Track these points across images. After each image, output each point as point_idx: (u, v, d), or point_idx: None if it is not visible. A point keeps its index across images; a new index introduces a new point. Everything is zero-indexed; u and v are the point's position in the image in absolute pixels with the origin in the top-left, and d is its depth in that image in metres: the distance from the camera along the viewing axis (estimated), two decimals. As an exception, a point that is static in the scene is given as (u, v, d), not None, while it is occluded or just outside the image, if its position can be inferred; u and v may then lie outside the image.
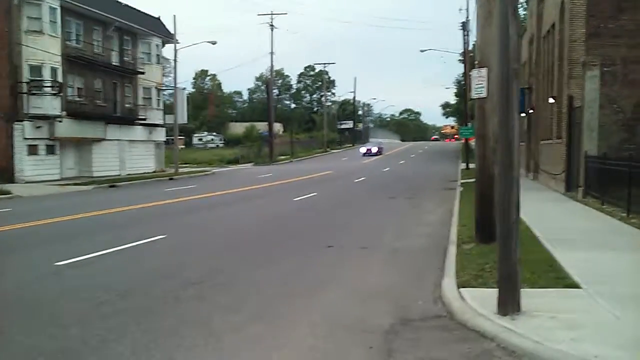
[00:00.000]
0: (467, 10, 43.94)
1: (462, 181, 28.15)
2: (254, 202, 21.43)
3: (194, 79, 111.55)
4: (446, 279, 8.01)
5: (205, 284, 8.06)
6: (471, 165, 39.53)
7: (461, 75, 63.00)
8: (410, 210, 17.89)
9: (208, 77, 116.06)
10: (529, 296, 6.57)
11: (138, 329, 6.02)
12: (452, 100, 73.05)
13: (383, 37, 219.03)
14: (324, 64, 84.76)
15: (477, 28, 11.15)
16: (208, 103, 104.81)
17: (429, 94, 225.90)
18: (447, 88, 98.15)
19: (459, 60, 60.44)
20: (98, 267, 9.20)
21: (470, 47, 46.22)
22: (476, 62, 10.97)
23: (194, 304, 7.03)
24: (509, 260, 6.36)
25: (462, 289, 7.32)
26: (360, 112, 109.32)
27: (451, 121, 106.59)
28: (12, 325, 6.15)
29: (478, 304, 6.65)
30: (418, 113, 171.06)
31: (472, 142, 41.26)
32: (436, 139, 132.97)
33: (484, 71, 10.65)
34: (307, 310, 6.78)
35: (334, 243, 11.47)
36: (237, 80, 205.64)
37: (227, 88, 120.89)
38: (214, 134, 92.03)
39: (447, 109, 77.33)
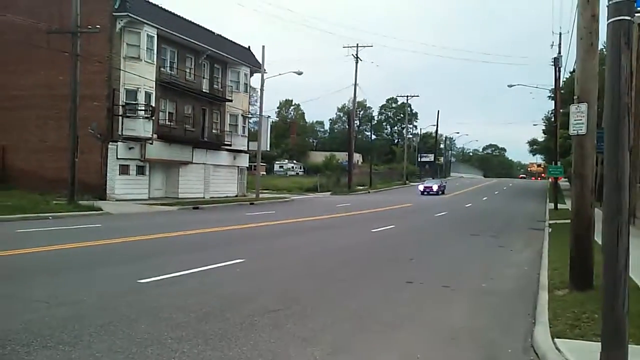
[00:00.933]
0: (560, 45, 42.42)
1: (551, 222, 26.79)
2: (331, 230, 21.24)
3: (278, 108, 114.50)
4: (538, 327, 7.41)
5: (282, 312, 7.87)
6: (560, 206, 37.73)
7: (550, 112, 60.71)
8: (496, 250, 17.07)
9: (292, 107, 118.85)
10: (634, 354, 5.90)
11: (212, 354, 5.89)
12: (540, 137, 70.16)
13: (469, 71, 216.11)
14: (408, 96, 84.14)
15: (577, 61, 10.54)
16: (290, 132, 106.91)
17: (515, 131, 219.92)
18: (534, 125, 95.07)
19: (549, 96, 58.30)
20: (179, 288, 9.25)
21: (561, 84, 44.54)
22: (575, 97, 10.33)
23: (270, 332, 6.85)
24: (615, 312, 5.73)
25: (557, 340, 6.72)
26: (442, 146, 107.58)
27: (538, 159, 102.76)
28: (92, 339, 6.19)
29: (576, 358, 6.04)
30: (503, 149, 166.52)
31: (560, 182, 39.55)
32: (523, 177, 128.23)
33: (583, 107, 10.01)
34: (385, 350, 6.42)
35: (414, 279, 11.03)
36: (320, 110, 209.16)
37: (309, 118, 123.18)
38: (295, 162, 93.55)
39: (535, 147, 74.38)
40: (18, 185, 31.37)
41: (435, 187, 56.57)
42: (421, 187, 57.73)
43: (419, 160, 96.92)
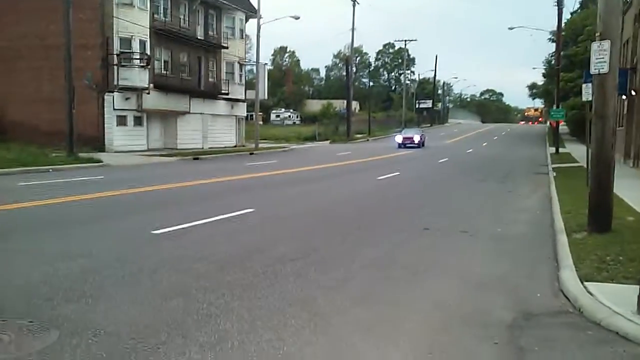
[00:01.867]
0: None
1: (554, 166, 26.68)
2: (336, 179, 21.05)
3: (272, 55, 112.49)
4: (564, 270, 7.27)
5: (302, 261, 7.71)
6: (561, 150, 37.58)
7: (551, 55, 59.72)
8: (505, 195, 16.95)
9: (287, 54, 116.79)
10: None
11: (241, 305, 5.73)
12: (540, 81, 69.27)
13: (466, 13, 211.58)
14: (406, 40, 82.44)
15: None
16: (286, 80, 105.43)
17: (513, 75, 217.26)
18: (534, 68, 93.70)
19: (549, 39, 57.18)
20: (192, 238, 9.07)
21: (563, 25, 43.55)
22: (597, 34, 9.91)
23: (294, 281, 6.69)
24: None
25: (586, 283, 6.59)
26: (439, 92, 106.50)
27: (538, 103, 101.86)
28: (114, 291, 6.02)
29: (611, 301, 5.90)
30: (500, 94, 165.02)
31: (562, 125, 39.20)
32: (522, 123, 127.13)
33: (606, 44, 9.60)
34: (414, 298, 6.28)
35: (430, 226, 10.87)
36: (315, 57, 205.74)
37: (305, 65, 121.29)
38: (291, 110, 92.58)
39: (534, 91, 73.45)
40: (13, 137, 30.80)
41: (416, 138, 45.75)
42: (399, 139, 46.22)
43: (417, 107, 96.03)
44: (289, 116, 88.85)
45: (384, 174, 21.93)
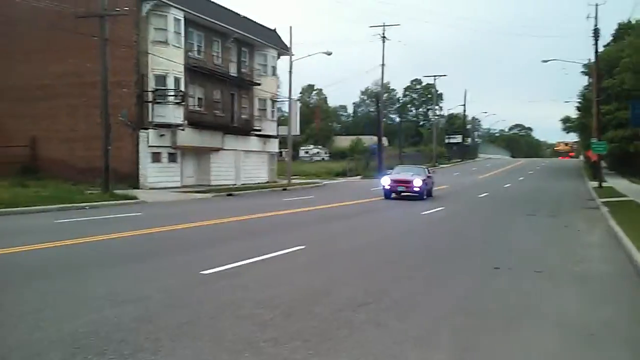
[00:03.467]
0: (596, 17, 40.08)
1: (603, 200, 25.41)
2: (379, 214, 20.22)
3: (300, 93, 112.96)
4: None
5: (374, 305, 6.84)
6: (604, 184, 36.15)
7: (585, 87, 58.50)
8: (563, 230, 15.90)
9: (314, 92, 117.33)
10: None
11: (321, 361, 4.90)
12: (573, 114, 67.83)
13: (496, 48, 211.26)
14: (435, 76, 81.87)
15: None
16: (314, 117, 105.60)
17: (542, 109, 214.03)
18: (566, 102, 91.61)
19: (582, 72, 56.00)
20: (246, 279, 8.27)
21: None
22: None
23: (374, 331, 5.82)
24: None
25: None
26: (468, 126, 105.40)
27: (572, 137, 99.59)
28: (174, 344, 5.22)
29: None
30: (529, 128, 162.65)
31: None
32: (563, 157, 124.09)
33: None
34: (521, 351, 5.36)
35: (499, 264, 9.92)
36: (342, 94, 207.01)
37: (332, 102, 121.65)
38: (320, 147, 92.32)
39: (567, 124, 71.82)
40: (49, 175, 30.75)
41: (416, 182, 26.29)
42: (386, 181, 27.13)
43: (446, 142, 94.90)
44: (318, 152, 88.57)
45: (427, 210, 20.99)
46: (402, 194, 26.56)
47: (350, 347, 5.27)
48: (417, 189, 26.03)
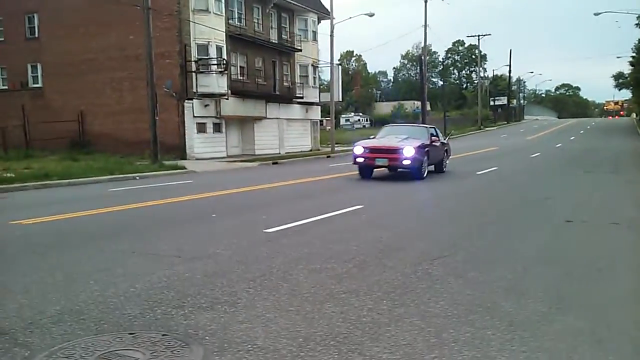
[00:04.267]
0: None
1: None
2: (432, 173, 19.71)
3: (339, 60, 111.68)
4: None
5: (450, 259, 6.53)
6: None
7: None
8: (629, 186, 15.17)
9: (353, 58, 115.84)
10: None
11: (407, 312, 4.65)
12: (626, 70, 64.84)
13: (541, 3, 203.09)
14: (479, 36, 79.19)
15: None
16: (354, 83, 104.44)
17: (590, 67, 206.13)
18: (618, 57, 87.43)
19: (636, 24, 53.14)
20: (310, 236, 8.06)
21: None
22: None
23: (456, 282, 5.52)
24: None
25: None
26: (514, 88, 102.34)
27: (624, 94, 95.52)
28: (261, 299, 5.04)
29: None
30: (577, 88, 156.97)
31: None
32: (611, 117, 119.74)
33: None
34: (622, 299, 4.98)
35: (570, 217, 9.44)
36: (382, 60, 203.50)
37: (372, 68, 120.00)
38: (361, 114, 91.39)
39: (620, 81, 68.65)
40: (97, 149, 31.32)
41: (407, 151, 17.04)
42: (358, 152, 17.93)
43: (491, 104, 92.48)
44: (359, 120, 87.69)
45: (481, 169, 20.41)
46: (384, 168, 18.43)
47: (436, 298, 4.99)
48: (407, 162, 17.10)
